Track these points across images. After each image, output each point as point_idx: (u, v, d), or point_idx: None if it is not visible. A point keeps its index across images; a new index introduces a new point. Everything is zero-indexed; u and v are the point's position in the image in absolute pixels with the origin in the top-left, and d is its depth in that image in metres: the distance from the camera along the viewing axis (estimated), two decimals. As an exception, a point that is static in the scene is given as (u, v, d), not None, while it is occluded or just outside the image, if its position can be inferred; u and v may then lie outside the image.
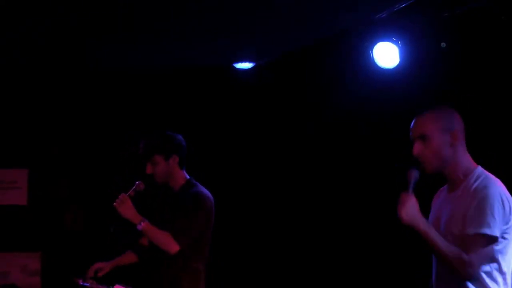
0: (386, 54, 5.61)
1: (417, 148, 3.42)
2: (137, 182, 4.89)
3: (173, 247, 4.72)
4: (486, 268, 3.28)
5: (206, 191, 4.93)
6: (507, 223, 3.26)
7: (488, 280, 3.28)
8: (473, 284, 3.27)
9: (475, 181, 3.35)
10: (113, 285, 4.61)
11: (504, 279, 3.31)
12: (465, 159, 3.44)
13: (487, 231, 3.20)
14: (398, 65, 5.59)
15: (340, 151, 6.68)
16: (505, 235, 3.28)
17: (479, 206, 3.24)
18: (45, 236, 7.43)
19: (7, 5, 5.18)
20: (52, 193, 7.54)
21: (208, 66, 7.19)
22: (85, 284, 4.77)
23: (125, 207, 4.69)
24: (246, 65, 7.01)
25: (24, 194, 7.50)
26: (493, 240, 3.23)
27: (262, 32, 6.04)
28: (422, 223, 3.24)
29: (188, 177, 4.99)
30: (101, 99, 7.50)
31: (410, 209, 3.24)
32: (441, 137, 3.39)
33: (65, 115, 7.48)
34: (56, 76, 7.31)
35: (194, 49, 6.53)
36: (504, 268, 3.31)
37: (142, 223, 4.69)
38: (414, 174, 3.34)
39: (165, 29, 5.87)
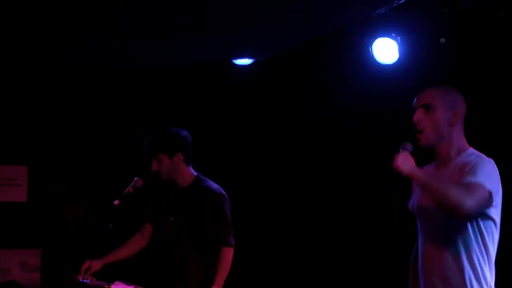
0: (386, 50, 5.60)
1: (419, 115, 3.45)
2: (135, 178, 4.88)
3: (231, 252, 4.86)
4: (477, 245, 3.32)
5: (218, 187, 4.97)
6: (494, 204, 3.30)
7: (479, 257, 3.32)
8: (463, 260, 3.31)
9: (467, 157, 3.39)
10: (113, 281, 4.61)
11: (489, 257, 3.35)
12: (461, 140, 3.48)
13: (485, 183, 3.23)
14: (397, 61, 5.59)
15: (339, 146, 6.67)
16: (494, 216, 3.33)
17: (477, 166, 3.29)
18: (45, 233, 7.43)
19: (8, 3, 5.19)
20: (52, 189, 7.54)
21: (207, 62, 7.18)
22: (85, 280, 4.76)
23: None
24: (245, 61, 7.00)
25: (24, 191, 7.50)
26: (488, 195, 3.25)
27: (261, 28, 6.03)
28: (418, 172, 3.28)
29: (195, 173, 5.01)
30: (100, 96, 7.50)
31: (405, 161, 3.28)
32: (444, 113, 3.43)
33: (65, 112, 7.48)
34: (56, 73, 7.30)
35: (193, 45, 6.52)
36: (489, 246, 3.35)
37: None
38: (408, 146, 3.37)
39: (164, 26, 5.86)
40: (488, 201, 3.26)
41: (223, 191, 4.95)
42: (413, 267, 3.65)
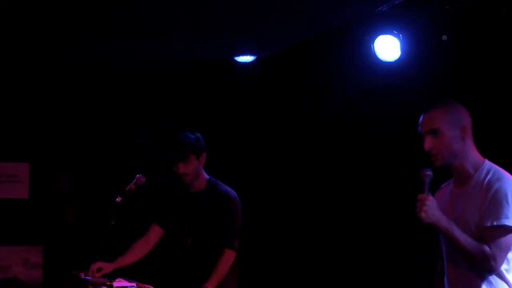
0: (387, 47, 5.60)
1: (429, 142, 3.42)
2: (137, 176, 4.87)
3: (233, 256, 4.82)
4: (505, 261, 3.31)
5: (230, 190, 4.96)
6: None
7: (506, 273, 3.31)
8: (486, 277, 3.31)
9: (486, 174, 3.37)
10: (115, 278, 4.61)
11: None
12: (474, 153, 3.46)
13: (506, 222, 3.23)
14: (399, 58, 5.58)
15: (341, 143, 6.66)
16: None
17: (495, 198, 3.27)
18: (47, 230, 7.44)
19: (8, 3, 5.20)
20: (54, 187, 7.55)
21: (210, 60, 7.18)
22: (87, 277, 4.76)
23: None
24: (247, 58, 7.00)
25: (25, 188, 7.51)
26: None
27: (263, 26, 6.03)
28: (443, 221, 3.27)
29: (207, 176, 4.99)
30: (102, 94, 7.51)
31: (430, 209, 3.26)
32: (452, 131, 3.41)
33: (66, 110, 7.49)
34: (58, 71, 7.31)
35: (195, 43, 6.52)
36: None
37: None
38: (428, 174, 3.35)
39: (164, 24, 5.87)
40: None
41: (235, 195, 4.95)
42: (438, 281, 3.64)
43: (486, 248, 3.22)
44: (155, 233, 5.08)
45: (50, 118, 7.46)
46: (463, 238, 3.25)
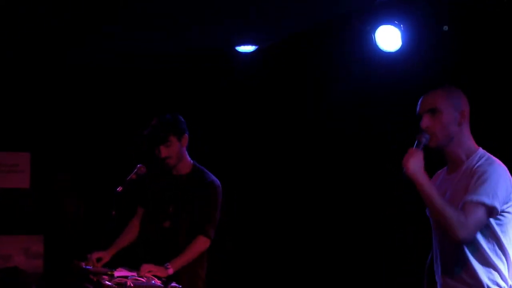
0: (388, 38, 5.59)
1: (426, 120, 3.44)
2: (138, 165, 4.88)
3: (207, 244, 4.81)
4: (489, 245, 3.33)
5: (215, 178, 4.95)
6: (508, 202, 3.30)
7: (492, 256, 3.32)
8: (477, 260, 3.32)
9: (477, 161, 3.39)
10: (116, 268, 4.62)
11: (506, 256, 3.35)
12: (469, 140, 3.48)
13: (486, 200, 3.24)
14: (400, 49, 5.58)
15: (342, 134, 6.66)
16: (506, 214, 3.31)
17: (482, 177, 3.28)
18: (48, 219, 7.46)
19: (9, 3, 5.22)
20: (55, 176, 7.56)
21: (210, 50, 7.17)
22: (88, 267, 4.78)
23: None
24: (248, 48, 6.99)
25: (26, 177, 7.52)
26: (492, 211, 3.26)
27: (264, 15, 6.02)
28: (424, 178, 3.29)
29: (191, 160, 4.98)
30: (103, 86, 7.53)
31: (416, 161, 3.30)
32: (451, 113, 3.43)
33: (67, 100, 7.51)
34: (59, 66, 7.33)
35: (195, 32, 6.52)
36: (506, 245, 3.34)
37: (168, 270, 4.64)
38: (425, 136, 3.38)
39: (164, 13, 5.86)
40: (491, 220, 3.28)
41: (219, 185, 4.93)
42: (429, 270, 3.65)
43: (462, 215, 3.21)
44: (140, 215, 5.13)
45: (51, 111, 7.48)
46: (440, 199, 3.25)
